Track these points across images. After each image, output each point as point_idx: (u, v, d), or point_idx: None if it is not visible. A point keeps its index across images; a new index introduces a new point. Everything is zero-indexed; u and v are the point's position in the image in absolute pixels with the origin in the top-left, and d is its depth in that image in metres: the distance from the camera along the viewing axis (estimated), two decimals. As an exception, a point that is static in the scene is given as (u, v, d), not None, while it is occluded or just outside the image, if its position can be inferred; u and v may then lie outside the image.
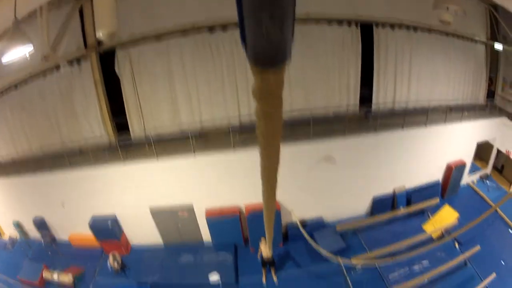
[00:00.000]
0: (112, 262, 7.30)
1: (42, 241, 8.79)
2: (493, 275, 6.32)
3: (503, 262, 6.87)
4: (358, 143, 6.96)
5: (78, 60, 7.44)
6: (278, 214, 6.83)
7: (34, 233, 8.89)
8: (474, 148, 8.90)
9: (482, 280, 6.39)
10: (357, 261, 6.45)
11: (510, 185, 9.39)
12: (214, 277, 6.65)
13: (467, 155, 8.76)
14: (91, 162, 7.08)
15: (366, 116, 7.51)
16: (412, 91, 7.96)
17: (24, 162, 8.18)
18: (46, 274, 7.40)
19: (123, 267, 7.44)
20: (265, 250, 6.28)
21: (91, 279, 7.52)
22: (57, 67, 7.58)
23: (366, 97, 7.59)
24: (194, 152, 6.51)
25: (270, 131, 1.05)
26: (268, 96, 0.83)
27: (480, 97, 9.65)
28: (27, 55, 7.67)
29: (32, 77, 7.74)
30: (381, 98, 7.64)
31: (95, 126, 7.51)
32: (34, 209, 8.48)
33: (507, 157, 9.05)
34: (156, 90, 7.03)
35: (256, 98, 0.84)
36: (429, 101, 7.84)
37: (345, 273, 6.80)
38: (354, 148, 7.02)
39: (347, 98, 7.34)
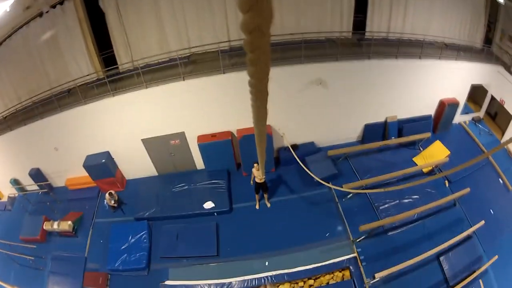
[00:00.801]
0: (109, 200, 7.45)
1: (40, 192, 8.92)
2: (482, 222, 6.48)
3: (491, 211, 7.01)
4: (351, 68, 6.87)
5: (61, 3, 7.16)
6: (270, 139, 6.85)
7: (32, 186, 9.00)
8: (468, 89, 8.87)
9: (471, 225, 6.59)
10: (349, 189, 6.60)
11: (502, 133, 9.47)
12: (208, 206, 6.84)
13: (461, 95, 8.75)
14: (81, 101, 7.00)
15: (360, 43, 7.37)
16: (407, 22, 7.76)
17: (15, 117, 8.08)
18: (46, 226, 7.54)
19: (120, 204, 7.61)
20: (257, 175, 6.39)
21: (90, 221, 7.71)
22: (40, 15, 7.32)
23: (360, 23, 7.40)
24: (183, 78, 6.42)
25: (259, 46, 0.96)
26: (256, 6, 0.72)
27: (477, 40, 9.46)
28: (8, 9, 7.41)
29: (16, 30, 7.48)
30: (375, 26, 7.45)
31: (83, 64, 7.36)
32: (30, 162, 8.51)
33: (501, 105, 9.06)
34: (142, 19, 6.80)
35: (242, 10, 0.73)
36: (425, 35, 7.68)
37: (336, 199, 7.01)
38: (346, 74, 6.94)
39: (340, 23, 7.14)
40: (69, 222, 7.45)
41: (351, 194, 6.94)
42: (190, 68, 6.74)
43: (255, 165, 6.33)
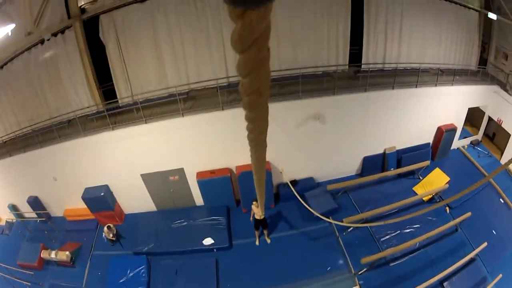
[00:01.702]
0: (107, 233, 7.38)
1: (38, 220, 8.84)
2: (485, 244, 6.45)
3: (494, 232, 6.99)
4: (348, 101, 6.94)
5: (62, 31, 7.27)
6: (269, 175, 6.83)
7: (30, 214, 8.93)
8: (465, 113, 8.94)
9: (473, 248, 6.54)
10: (349, 223, 6.57)
11: (501, 153, 9.51)
12: (208, 242, 6.77)
13: (458, 120, 8.81)
14: (80, 132, 7.02)
15: (356, 75, 7.46)
16: (402, 51, 7.89)
17: (14, 143, 8.10)
18: (44, 254, 7.46)
19: (118, 237, 7.53)
20: (257, 211, 6.36)
21: (88, 253, 7.63)
22: (42, 41, 7.43)
23: (355, 56, 7.51)
24: (182, 114, 6.46)
25: (257, 107, 0.96)
26: (252, 45, 0.68)
27: (472, 63, 9.59)
28: (9, 33, 7.51)
29: (17, 55, 7.59)
30: (371, 57, 7.56)
31: (83, 95, 7.41)
32: (28, 189, 8.47)
33: (499, 125, 9.12)
34: (142, 53, 6.90)
35: (237, 49, 0.69)
36: (420, 63, 7.79)
37: (337, 233, 6.96)
38: (344, 107, 7.00)
39: (336, 56, 7.24)
40: (67, 253, 7.36)
41: (351, 228, 6.90)
42: (189, 104, 6.80)
43: (254, 202, 6.31)
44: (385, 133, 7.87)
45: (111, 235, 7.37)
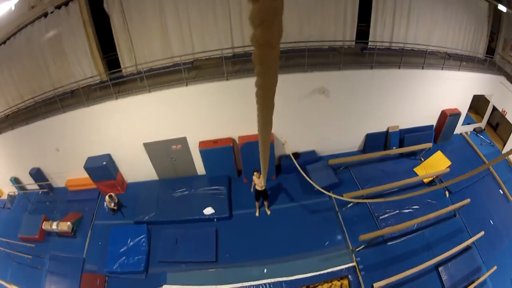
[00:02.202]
0: (108, 203, 7.45)
1: (40, 192, 8.92)
2: (482, 233, 6.49)
3: (491, 222, 7.01)
4: (353, 78, 6.88)
5: (66, 4, 7.18)
6: (271, 147, 6.81)
7: (32, 186, 9.00)
8: (470, 100, 8.88)
9: (470, 236, 6.58)
10: (349, 198, 6.60)
11: (504, 143, 9.47)
12: (208, 211, 6.83)
13: (463, 105, 8.76)
14: (83, 102, 7.00)
15: (362, 52, 7.39)
16: (410, 32, 7.78)
17: (17, 116, 8.10)
18: (45, 226, 7.54)
19: (119, 207, 7.61)
20: (258, 182, 6.40)
21: (90, 223, 7.71)
22: (45, 15, 7.35)
23: (363, 32, 7.41)
24: (186, 84, 6.43)
25: (268, 59, 0.97)
26: (267, 21, 0.74)
27: (480, 51, 9.47)
28: (13, 7, 7.42)
29: (20, 29, 7.51)
30: (378, 35, 7.47)
31: (86, 66, 7.37)
32: (30, 161, 8.52)
33: (503, 115, 9.07)
34: (146, 23, 6.82)
35: (253, 24, 0.75)
36: (428, 45, 7.69)
37: (337, 208, 7.00)
38: (349, 83, 6.95)
39: (343, 32, 7.15)
40: (68, 223, 7.45)
41: (351, 204, 6.93)
42: (193, 74, 6.75)
43: (256, 172, 6.33)
44: (389, 111, 7.83)
45: (112, 205, 7.43)
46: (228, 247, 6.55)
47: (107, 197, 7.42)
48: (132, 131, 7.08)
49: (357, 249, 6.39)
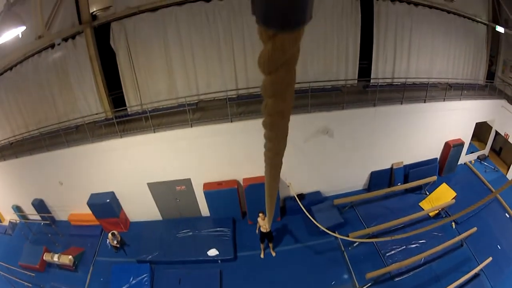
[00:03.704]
0: (111, 240, 7.36)
1: (42, 223, 8.84)
2: (489, 259, 6.39)
3: (499, 247, 6.92)
4: (357, 116, 6.92)
5: (73, 37, 7.32)
6: None
7: (34, 216, 8.93)
8: (472, 128, 8.90)
9: (478, 263, 6.47)
10: (355, 238, 6.53)
11: (508, 167, 9.44)
12: (213, 253, 6.73)
13: (466, 134, 8.77)
14: (88, 138, 7.03)
15: (365, 90, 7.45)
16: (411, 66, 7.88)
17: (21, 145, 8.13)
18: (46, 257, 7.46)
19: (122, 245, 7.51)
20: (263, 224, 6.34)
21: (91, 258, 7.61)
22: (52, 46, 7.48)
23: (365, 70, 7.50)
24: (191, 125, 6.47)
25: (278, 127, 0.97)
26: (281, 67, 0.67)
27: (480, 77, 9.58)
28: (20, 35, 7.58)
29: (27, 57, 7.63)
30: (380, 72, 7.57)
31: (92, 102, 7.44)
32: (33, 191, 8.49)
33: (506, 139, 9.07)
34: (152, 62, 6.93)
35: (264, 71, 0.68)
36: (429, 77, 7.78)
37: (342, 247, 6.90)
38: (352, 122, 6.99)
39: (345, 71, 7.26)
40: (70, 257, 7.35)
41: (357, 243, 6.85)
42: (198, 115, 6.81)
43: (260, 214, 6.28)
44: (392, 148, 7.85)
45: (115, 242, 7.35)
46: (233, 289, 6.43)
47: (109, 234, 7.34)
48: (136, 170, 7.08)
49: (364, 288, 6.26)
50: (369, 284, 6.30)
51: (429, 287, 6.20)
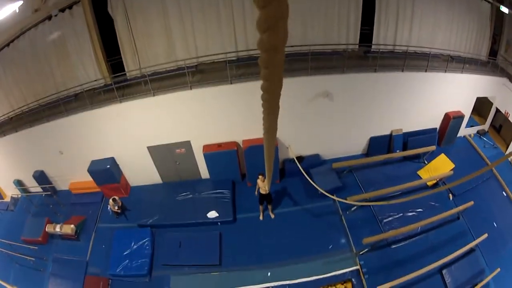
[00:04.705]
0: (112, 206, 7.46)
1: (43, 195, 8.94)
2: (485, 235, 6.47)
3: (495, 224, 7.00)
4: (357, 81, 6.88)
5: (70, 7, 7.22)
6: (276, 150, 6.77)
7: (35, 188, 9.02)
8: (473, 102, 8.87)
9: (474, 238, 6.57)
10: (353, 202, 6.59)
11: (507, 145, 9.45)
12: (212, 215, 6.84)
13: (466, 108, 8.74)
14: (87, 106, 7.03)
15: (366, 55, 7.39)
16: (413, 35, 7.78)
17: (20, 119, 8.12)
18: (49, 228, 7.56)
19: (123, 210, 7.62)
20: (262, 186, 6.40)
21: (93, 226, 7.73)
22: (49, 18, 7.38)
23: (366, 36, 7.42)
24: (190, 87, 6.45)
25: (273, 63, 1.02)
26: (273, 26, 0.78)
27: (483, 53, 9.47)
28: (17, 10, 7.47)
29: (23, 32, 7.54)
30: (382, 38, 7.48)
31: (90, 69, 7.40)
32: (34, 164, 8.55)
33: (506, 117, 9.05)
34: (151, 27, 6.85)
35: (260, 30, 0.79)
36: (431, 47, 7.69)
37: (340, 211, 6.99)
38: (353, 86, 6.95)
39: (346, 35, 7.18)
40: (72, 226, 7.46)
41: (355, 207, 6.92)
42: (197, 78, 6.78)
43: (260, 176, 6.33)
44: (392, 115, 7.83)
45: (116, 208, 7.44)
46: (232, 250, 6.55)
47: (110, 200, 7.43)
48: (136, 134, 7.10)
49: (360, 253, 6.38)
50: (366, 250, 6.40)
51: (425, 257, 6.29)
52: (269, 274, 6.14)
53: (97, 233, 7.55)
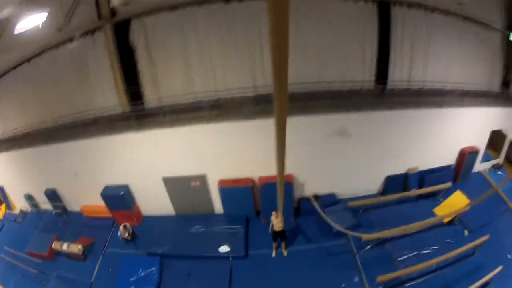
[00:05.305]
0: (123, 232, 7.41)
1: (53, 212, 8.94)
2: (500, 268, 6.28)
3: (509, 256, 6.79)
4: (373, 119, 6.89)
5: (93, 32, 7.43)
6: (291, 188, 6.83)
7: (45, 205, 9.05)
8: (488, 136, 8.77)
9: (489, 271, 6.34)
10: (367, 238, 6.44)
11: (522, 177, 9.24)
12: (224, 249, 6.72)
13: (481, 142, 8.65)
14: (105, 131, 7.12)
15: (382, 93, 7.41)
16: (428, 71, 7.81)
17: (36, 134, 8.26)
18: (55, 245, 7.54)
19: (133, 237, 7.55)
20: (276, 223, 6.32)
21: (101, 249, 7.66)
22: (71, 39, 7.60)
23: (381, 74, 7.46)
24: (208, 121, 6.50)
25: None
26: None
27: (496, 85, 9.45)
28: (40, 25, 7.70)
29: (45, 49, 7.77)
30: (397, 76, 7.51)
31: (109, 96, 7.54)
32: (46, 181, 8.62)
33: (520, 150, 8.92)
34: (171, 60, 7.00)
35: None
36: (445, 83, 7.71)
37: (355, 250, 6.83)
38: (369, 124, 6.95)
39: (362, 73, 7.23)
40: (80, 246, 7.42)
41: (369, 246, 6.77)
42: (215, 112, 6.85)
43: (274, 212, 6.27)
44: (408, 153, 7.77)
45: (126, 234, 7.40)
46: (242, 286, 6.39)
47: (121, 226, 7.40)
48: (152, 164, 7.14)
49: (374, 292, 6.17)
50: (380, 288, 6.20)
51: (440, 294, 6.12)
52: (279, 313, 5.96)
53: (104, 257, 7.48)
